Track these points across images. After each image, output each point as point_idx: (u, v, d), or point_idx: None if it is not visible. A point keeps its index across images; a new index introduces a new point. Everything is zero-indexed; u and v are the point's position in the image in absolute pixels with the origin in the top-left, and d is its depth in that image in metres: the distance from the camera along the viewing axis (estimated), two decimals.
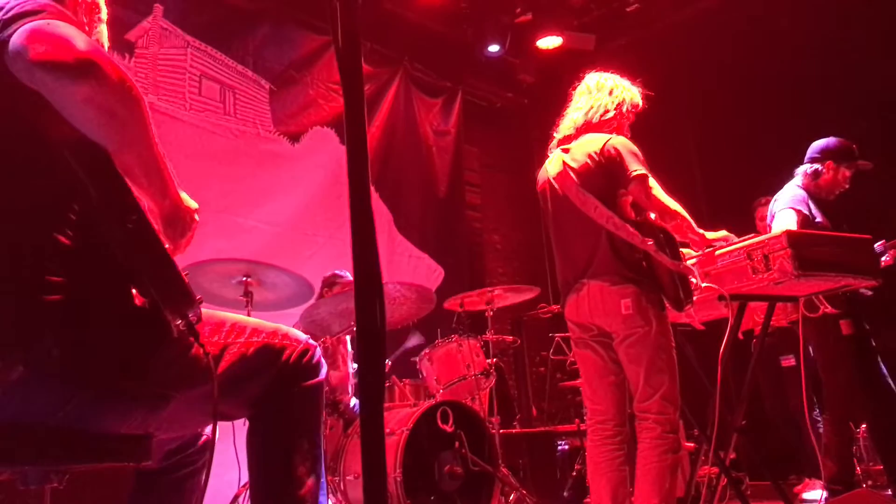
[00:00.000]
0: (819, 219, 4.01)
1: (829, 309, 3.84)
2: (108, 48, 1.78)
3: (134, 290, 1.45)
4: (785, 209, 4.03)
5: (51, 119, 1.35)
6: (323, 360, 1.83)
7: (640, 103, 3.20)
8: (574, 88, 3.27)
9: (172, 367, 1.51)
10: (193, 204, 1.63)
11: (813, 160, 4.21)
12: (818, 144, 4.25)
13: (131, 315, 1.44)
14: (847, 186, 4.19)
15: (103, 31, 1.77)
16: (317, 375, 1.78)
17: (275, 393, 1.70)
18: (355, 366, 4.55)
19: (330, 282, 4.73)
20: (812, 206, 4.06)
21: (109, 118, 1.34)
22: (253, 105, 5.80)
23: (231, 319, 1.72)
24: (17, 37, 1.31)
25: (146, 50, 5.12)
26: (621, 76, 3.26)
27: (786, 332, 5.18)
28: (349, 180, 0.92)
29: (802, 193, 4.11)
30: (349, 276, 4.81)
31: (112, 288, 1.44)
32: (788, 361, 5.12)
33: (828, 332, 3.98)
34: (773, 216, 4.14)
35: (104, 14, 1.77)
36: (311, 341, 1.82)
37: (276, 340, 1.73)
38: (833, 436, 4.03)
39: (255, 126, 5.77)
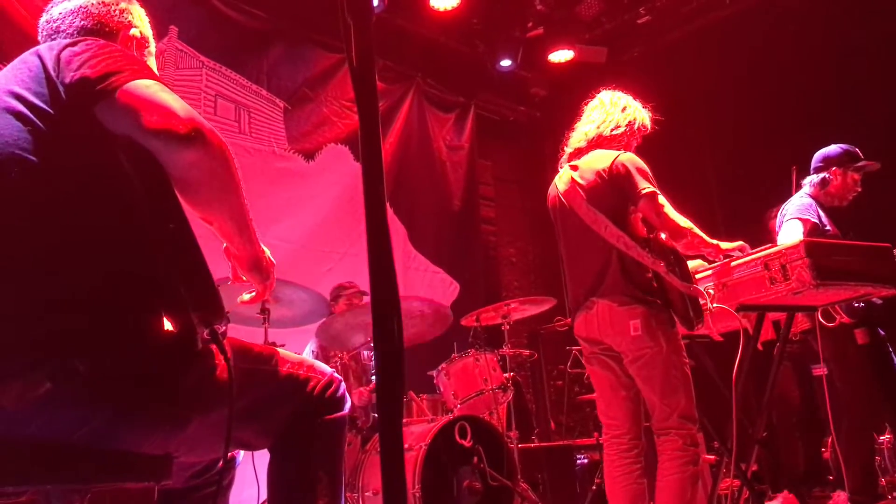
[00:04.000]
0: (829, 227, 3.98)
1: (846, 318, 3.80)
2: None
3: (165, 312, 1.47)
4: (791, 219, 4.01)
5: (117, 144, 1.47)
6: (347, 395, 1.83)
7: (649, 126, 3.20)
8: (586, 103, 3.28)
9: (196, 389, 1.51)
10: (267, 251, 1.78)
11: (818, 169, 4.20)
12: (820, 153, 4.24)
13: (159, 336, 1.46)
14: (859, 189, 4.16)
15: (153, 63, 1.86)
16: (340, 409, 1.78)
17: (297, 424, 1.71)
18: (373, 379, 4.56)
19: (335, 295, 4.76)
20: (822, 214, 4.03)
21: (210, 178, 1.50)
22: (267, 124, 5.85)
23: (257, 347, 1.74)
24: (123, 97, 1.45)
25: (162, 71, 5.18)
26: (628, 91, 3.27)
27: (811, 340, 5.13)
28: (365, 202, 0.93)
29: (811, 202, 4.09)
30: (356, 285, 4.84)
31: (142, 307, 1.46)
32: (820, 370, 5.07)
33: (843, 342, 3.94)
34: (781, 226, 4.11)
35: (153, 47, 1.88)
36: (336, 375, 1.82)
37: (301, 371, 1.74)
38: (853, 446, 3.97)
39: (270, 144, 5.82)
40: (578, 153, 3.15)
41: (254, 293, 1.83)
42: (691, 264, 3.13)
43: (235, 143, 5.61)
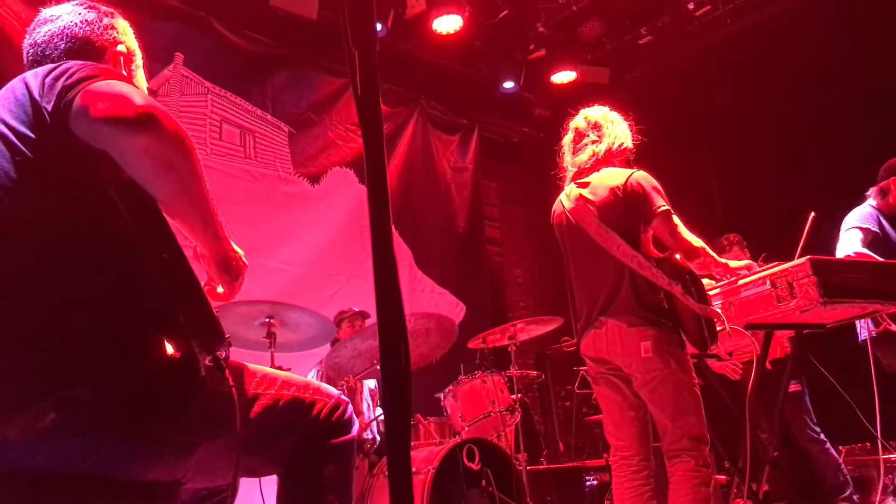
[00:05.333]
0: (894, 238, 3.94)
1: (892, 326, 3.75)
2: (148, 89, 1.86)
3: (167, 339, 1.46)
4: (850, 229, 3.96)
5: (102, 167, 1.43)
6: (355, 417, 1.80)
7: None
8: (569, 122, 3.27)
9: (201, 416, 1.50)
10: (239, 250, 1.69)
11: (881, 179, 4.16)
12: (887, 163, 4.20)
13: (162, 363, 1.45)
14: None
15: (141, 76, 1.84)
16: (348, 432, 1.75)
17: (305, 449, 1.68)
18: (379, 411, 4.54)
19: (338, 321, 4.77)
20: (885, 224, 3.99)
21: (167, 168, 1.42)
22: (272, 148, 5.89)
23: (262, 371, 1.72)
24: (79, 98, 1.40)
25: (168, 98, 5.23)
26: (630, 112, 3.28)
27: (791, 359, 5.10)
28: (371, 229, 0.94)
29: (872, 212, 4.05)
30: (352, 308, 4.84)
31: (143, 336, 1.45)
32: (795, 387, 5.03)
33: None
34: (842, 235, 4.05)
35: (140, 60, 1.84)
36: (344, 397, 1.79)
37: (307, 395, 1.72)
38: None
39: (276, 168, 5.86)
40: (586, 172, 3.14)
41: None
42: None
43: (241, 168, 5.64)
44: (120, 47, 1.76)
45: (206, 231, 1.56)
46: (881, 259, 3.77)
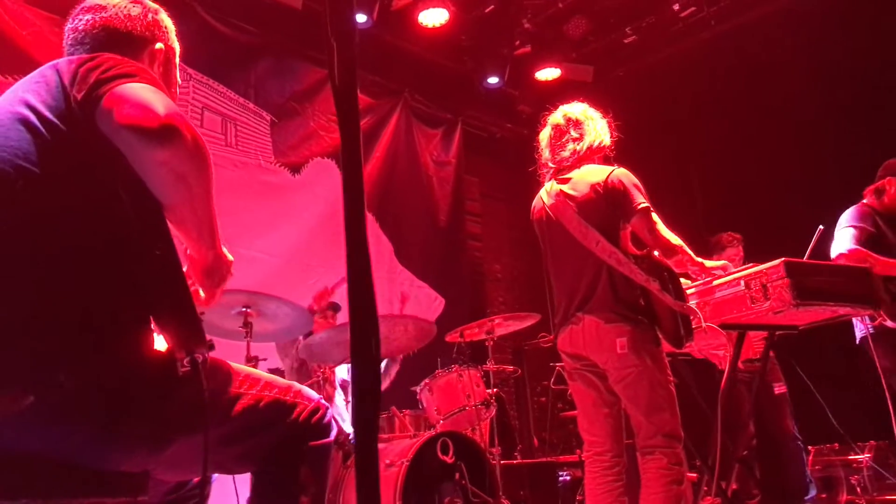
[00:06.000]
0: (890, 236, 3.98)
1: (889, 322, 3.78)
2: (177, 90, 1.91)
3: (150, 336, 1.47)
4: (845, 227, 3.99)
5: (117, 163, 1.44)
6: (334, 422, 1.82)
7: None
8: (547, 115, 3.28)
9: (178, 412, 1.50)
10: (230, 256, 1.71)
11: (878, 178, 4.19)
12: (884, 164, 4.23)
13: (146, 356, 1.46)
14: None
15: (176, 75, 1.87)
16: (326, 436, 1.77)
17: (282, 450, 1.69)
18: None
19: (311, 313, 4.77)
20: (881, 223, 4.03)
21: (179, 181, 1.45)
22: (254, 137, 5.85)
23: (245, 371, 1.72)
24: (107, 98, 1.43)
25: None
26: (613, 110, 3.30)
27: (772, 359, 5.19)
28: (346, 220, 0.94)
29: (867, 210, 4.08)
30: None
31: (129, 328, 1.46)
32: (781, 388, 5.12)
33: None
34: (837, 234, 4.06)
35: (177, 58, 1.87)
36: (324, 402, 1.80)
37: (288, 397, 1.72)
38: None
39: (256, 157, 5.82)
40: (566, 168, 3.15)
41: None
42: None
43: (222, 156, 5.60)
44: (159, 45, 1.78)
45: (200, 239, 1.59)
46: (877, 255, 3.81)
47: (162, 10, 1.84)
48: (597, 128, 3.17)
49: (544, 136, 3.26)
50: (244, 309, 3.71)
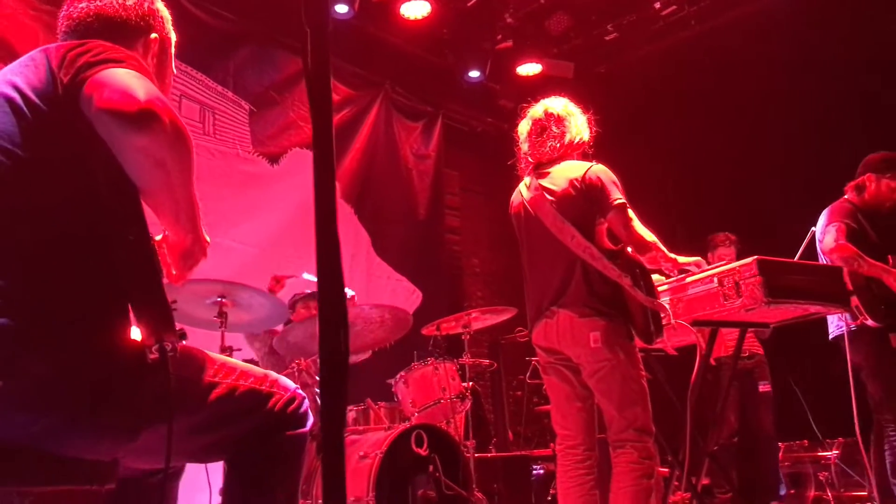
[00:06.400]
0: (871, 233, 4.00)
1: (870, 321, 3.81)
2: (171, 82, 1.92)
3: (121, 324, 1.46)
4: (831, 224, 3.99)
5: (97, 147, 1.44)
6: (310, 412, 1.81)
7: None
8: (528, 108, 3.29)
9: (149, 399, 1.49)
10: (207, 238, 1.69)
11: (858, 174, 4.20)
12: (865, 159, 4.23)
13: (116, 344, 1.45)
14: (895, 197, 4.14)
15: (171, 66, 1.87)
16: (302, 426, 1.75)
17: (257, 439, 1.69)
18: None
19: (292, 303, 4.75)
20: (862, 219, 4.05)
21: (157, 167, 1.44)
22: (232, 126, 5.80)
23: (221, 359, 1.71)
24: (89, 83, 1.43)
25: None
26: (593, 107, 3.31)
27: (760, 358, 5.26)
28: (316, 209, 0.93)
29: (849, 207, 4.10)
30: (307, 290, 4.81)
31: (99, 315, 1.45)
32: (765, 387, 5.20)
33: (878, 345, 3.88)
34: (822, 232, 4.08)
35: (173, 49, 1.87)
36: (301, 392, 1.79)
37: (265, 386, 1.72)
38: None
39: (235, 146, 5.77)
40: (545, 163, 3.16)
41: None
42: None
43: (199, 145, 5.55)
44: (154, 35, 1.77)
45: (178, 223, 1.57)
46: (866, 257, 3.85)
47: (159, 1, 1.84)
48: (577, 124, 3.18)
49: (524, 128, 3.25)
50: (219, 299, 3.68)
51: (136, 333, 1.48)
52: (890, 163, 4.14)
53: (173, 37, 1.86)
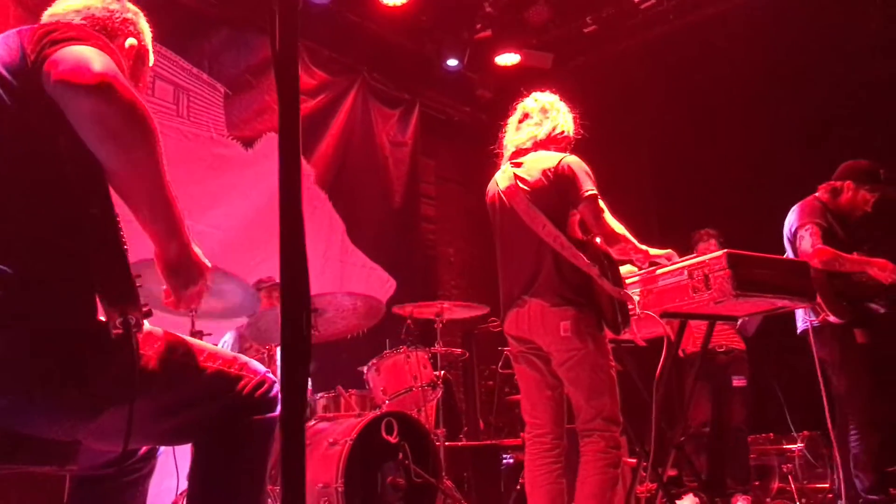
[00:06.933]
0: (838, 232, 4.04)
1: (833, 317, 3.86)
2: (145, 90, 1.94)
3: (83, 298, 1.45)
4: (808, 224, 4.02)
5: (62, 122, 1.44)
6: (280, 397, 1.80)
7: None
8: (518, 102, 3.30)
9: (111, 379, 1.48)
10: (206, 262, 1.65)
11: (835, 178, 4.22)
12: (845, 164, 4.26)
13: (78, 321, 1.44)
14: (868, 209, 4.18)
15: (145, 76, 1.89)
16: (271, 410, 1.74)
17: (224, 423, 1.67)
18: None
19: (255, 289, 4.71)
20: (831, 219, 4.08)
21: (113, 137, 1.43)
22: (207, 108, 5.73)
23: (189, 341, 1.70)
24: (52, 59, 1.45)
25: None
26: (571, 99, 3.32)
27: (737, 353, 5.35)
28: (280, 188, 0.93)
29: (819, 205, 4.13)
30: (273, 278, 4.78)
31: (60, 288, 1.44)
32: (739, 382, 5.27)
33: (844, 341, 3.94)
34: (792, 230, 4.13)
35: (150, 61, 1.89)
36: (271, 375, 1.78)
37: (233, 369, 1.70)
38: (863, 445, 3.87)
39: (209, 129, 5.70)
40: (522, 153, 3.17)
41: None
42: (621, 270, 3.20)
43: (173, 127, 5.48)
44: (130, 40, 1.78)
45: (155, 220, 1.53)
46: (845, 254, 3.90)
47: (142, 15, 1.87)
48: (559, 118, 3.19)
49: (512, 119, 3.30)
50: None
51: (94, 307, 1.46)
52: (871, 175, 4.17)
53: (150, 51, 1.89)
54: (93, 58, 1.43)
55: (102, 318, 1.45)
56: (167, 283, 1.62)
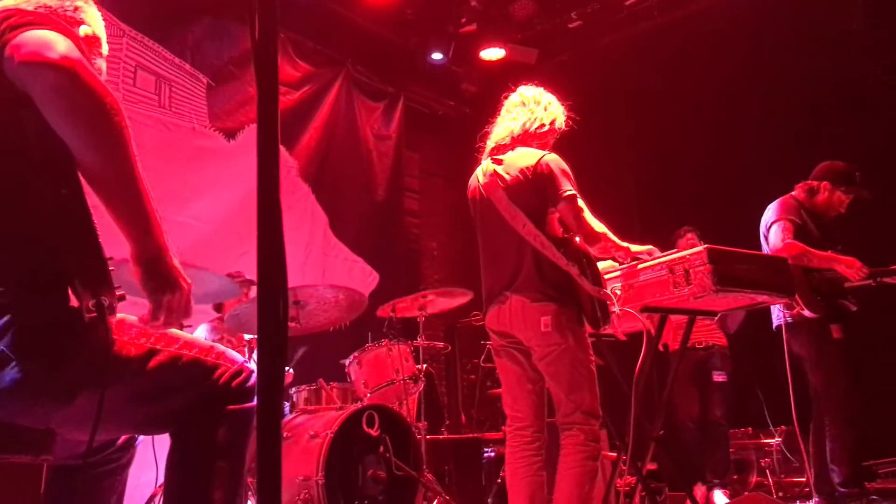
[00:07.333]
0: (812, 230, 4.08)
1: (808, 312, 3.89)
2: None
3: (54, 280, 1.43)
4: (779, 220, 4.06)
5: (28, 104, 1.44)
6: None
7: (564, 125, 3.22)
8: (506, 97, 3.30)
9: (83, 364, 1.46)
10: (187, 279, 1.55)
11: (812, 178, 4.26)
12: (822, 164, 4.30)
13: (50, 303, 1.42)
14: (843, 210, 4.23)
15: (102, 65, 1.86)
16: (248, 400, 1.73)
17: (200, 412, 1.66)
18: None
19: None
20: (805, 216, 4.12)
21: (79, 112, 1.41)
22: (189, 99, 5.68)
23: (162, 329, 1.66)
24: (13, 43, 1.45)
25: None
26: (559, 92, 3.30)
27: (718, 349, 5.40)
28: (258, 174, 0.92)
29: (794, 203, 4.17)
30: (242, 274, 4.75)
31: (33, 273, 1.43)
32: (719, 377, 5.33)
33: (820, 337, 3.97)
34: (767, 226, 4.16)
35: (105, 49, 1.87)
36: (249, 365, 1.76)
37: (210, 358, 1.69)
38: (839, 439, 3.91)
39: (191, 120, 5.65)
40: (502, 149, 3.17)
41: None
42: (603, 265, 3.21)
43: (154, 118, 5.43)
44: (83, 28, 1.78)
45: (127, 212, 1.47)
46: (813, 250, 3.93)
47: (93, 4, 1.87)
48: (538, 111, 3.16)
49: (502, 114, 3.28)
50: None
51: (66, 290, 1.44)
52: (848, 177, 4.22)
53: (104, 42, 1.88)
54: (56, 40, 1.43)
55: (75, 302, 1.43)
56: (145, 289, 1.50)
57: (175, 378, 1.64)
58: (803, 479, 5.27)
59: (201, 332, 4.66)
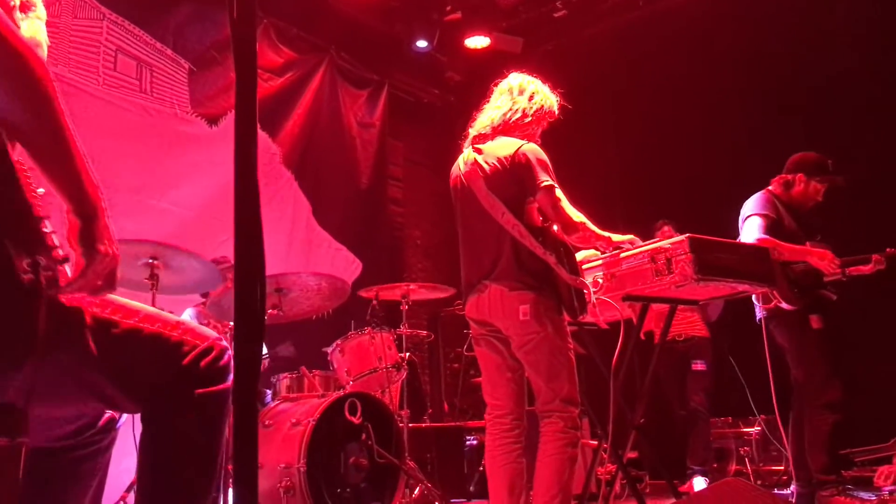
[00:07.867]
0: (789, 224, 4.10)
1: (784, 304, 3.92)
2: (48, 45, 1.74)
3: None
4: (752, 215, 4.08)
5: None
6: (232, 366, 1.64)
7: (556, 112, 3.21)
8: (497, 84, 3.28)
9: (26, 328, 1.37)
10: (116, 246, 1.46)
11: (786, 171, 4.29)
12: (794, 157, 4.32)
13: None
14: (820, 199, 4.25)
15: (39, 27, 1.71)
16: (222, 381, 1.61)
17: (167, 393, 1.56)
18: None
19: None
20: (782, 210, 4.14)
21: None
22: (170, 84, 5.62)
23: (122, 301, 1.58)
24: None
25: (57, 19, 4.88)
26: (544, 82, 3.28)
27: (698, 340, 5.45)
28: (235, 158, 0.91)
29: (771, 198, 4.19)
30: (228, 259, 4.73)
31: None
32: (698, 366, 5.39)
33: (799, 327, 3.99)
34: (742, 222, 4.18)
35: (42, 12, 1.72)
36: (222, 343, 1.64)
37: (174, 334, 1.58)
38: (816, 429, 3.93)
39: (172, 106, 5.60)
40: (483, 137, 3.15)
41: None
42: (585, 254, 3.22)
43: (135, 102, 5.37)
44: None
45: (58, 168, 1.38)
46: (783, 243, 3.96)
47: None
48: (521, 100, 3.13)
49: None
50: (151, 260, 3.59)
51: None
52: (821, 167, 4.25)
53: (41, 10, 1.74)
54: None
55: (8, 263, 1.34)
56: (76, 246, 1.39)
57: (134, 353, 1.53)
58: (781, 468, 5.34)
59: (187, 317, 4.64)
